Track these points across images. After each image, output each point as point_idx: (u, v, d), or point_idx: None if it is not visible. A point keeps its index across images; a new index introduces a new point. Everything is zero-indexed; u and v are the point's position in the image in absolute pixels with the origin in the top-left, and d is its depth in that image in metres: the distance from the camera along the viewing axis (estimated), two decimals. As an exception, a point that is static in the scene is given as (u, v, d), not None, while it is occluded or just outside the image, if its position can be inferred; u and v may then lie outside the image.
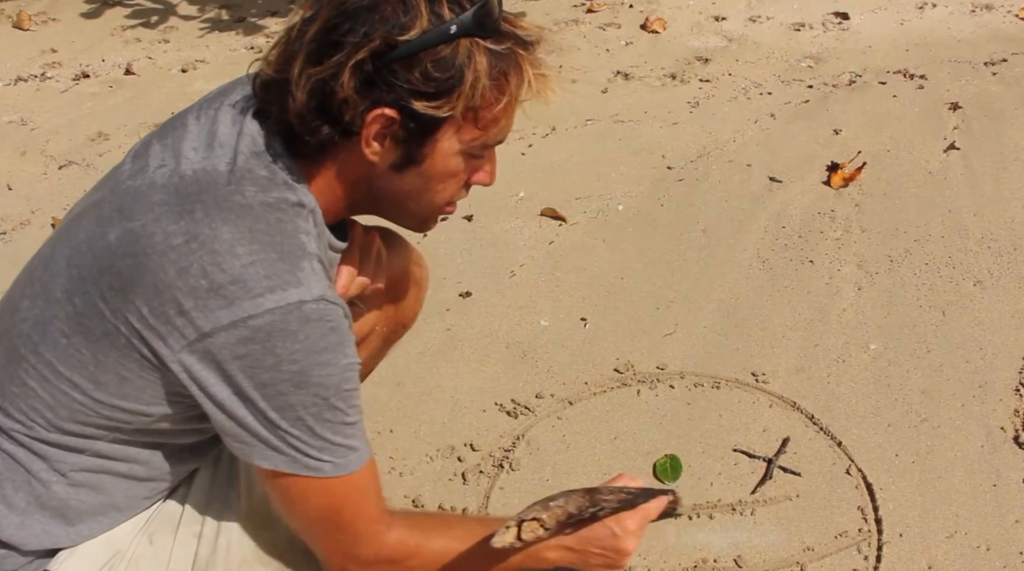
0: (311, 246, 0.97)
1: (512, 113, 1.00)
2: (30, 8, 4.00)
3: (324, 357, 0.94)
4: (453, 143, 0.98)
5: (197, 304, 0.91)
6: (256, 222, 0.94)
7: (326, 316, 0.94)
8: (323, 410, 0.96)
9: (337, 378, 0.96)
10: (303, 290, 0.93)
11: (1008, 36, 3.52)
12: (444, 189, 1.04)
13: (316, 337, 0.93)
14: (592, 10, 3.88)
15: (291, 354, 0.92)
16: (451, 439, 1.76)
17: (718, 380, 1.89)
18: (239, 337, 0.90)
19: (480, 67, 0.93)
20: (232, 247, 0.92)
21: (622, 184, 2.61)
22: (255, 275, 0.91)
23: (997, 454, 1.69)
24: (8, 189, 2.66)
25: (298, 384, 0.93)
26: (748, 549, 1.53)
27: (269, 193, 0.96)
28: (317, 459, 0.98)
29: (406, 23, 0.91)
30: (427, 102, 0.93)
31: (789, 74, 3.29)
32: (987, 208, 2.43)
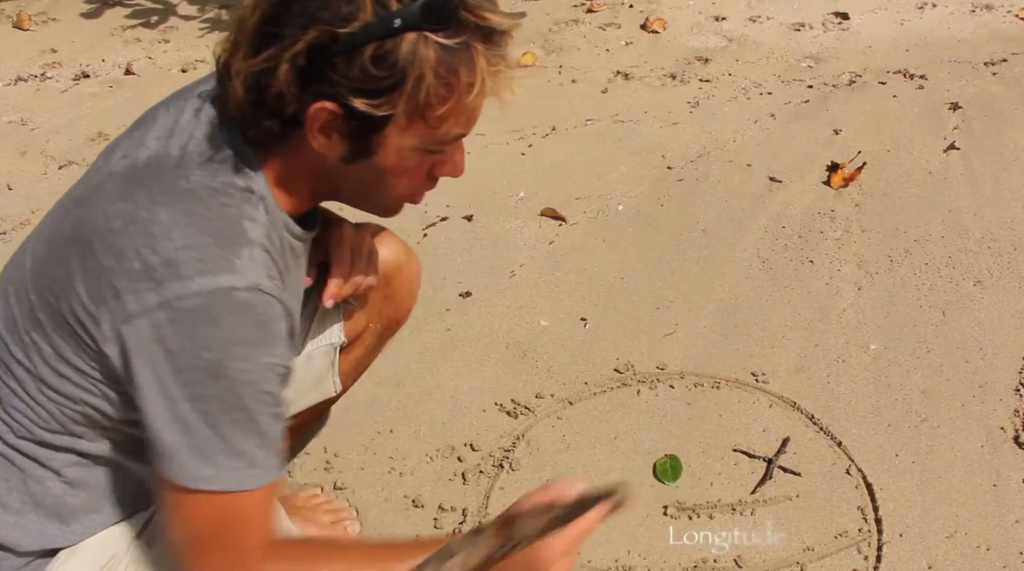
0: (254, 233, 0.93)
1: (466, 109, 0.93)
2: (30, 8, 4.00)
3: (244, 350, 0.89)
4: (404, 139, 0.94)
5: (129, 285, 0.88)
6: (196, 205, 0.91)
7: (256, 307, 0.90)
8: (232, 408, 0.90)
9: (255, 375, 0.90)
10: (236, 277, 0.89)
11: (1008, 36, 3.52)
12: (400, 182, 1.00)
13: (240, 327, 0.89)
14: (592, 10, 3.88)
15: (210, 341, 0.88)
16: (451, 439, 1.76)
17: (718, 380, 1.89)
18: (164, 319, 0.87)
19: (426, 64, 0.87)
20: (169, 230, 0.89)
21: (622, 184, 2.61)
22: (188, 258, 0.88)
23: (997, 454, 1.69)
24: (8, 189, 2.66)
25: (212, 374, 0.88)
26: (748, 549, 1.53)
27: (216, 178, 0.93)
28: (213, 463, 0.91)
29: (348, 14, 0.85)
30: (367, 100, 0.88)
31: (789, 74, 3.29)
32: (987, 208, 2.43)
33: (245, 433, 0.92)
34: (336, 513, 1.58)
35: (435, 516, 1.60)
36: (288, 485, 1.67)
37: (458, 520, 1.59)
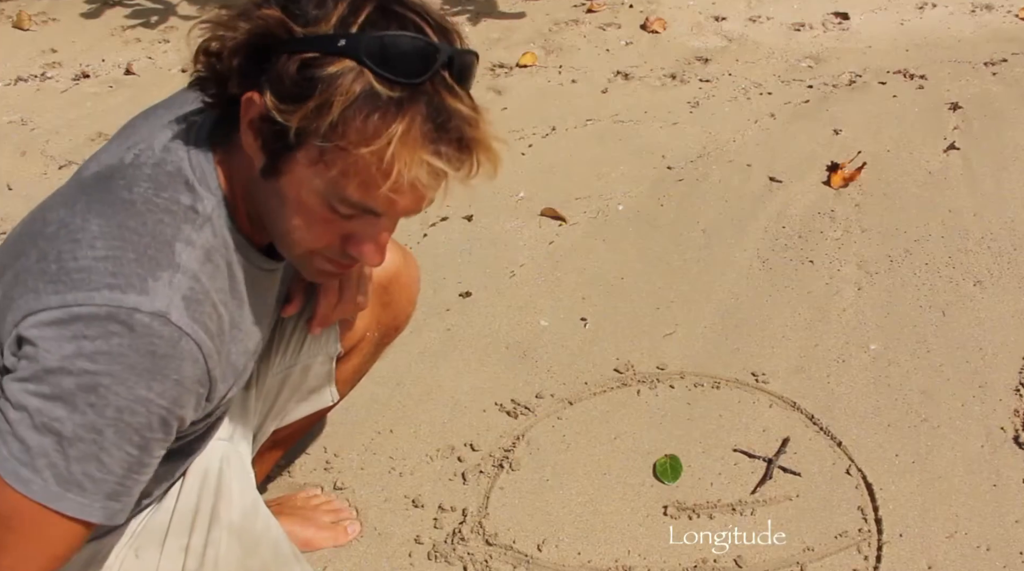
0: (185, 258, 0.89)
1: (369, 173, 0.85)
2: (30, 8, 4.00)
3: (124, 374, 0.84)
4: (309, 173, 0.87)
5: (39, 286, 0.86)
6: (130, 219, 0.88)
7: (155, 336, 0.84)
8: (87, 427, 0.84)
9: (123, 403, 0.84)
10: (143, 300, 0.84)
11: (1008, 36, 3.52)
12: (300, 225, 0.91)
13: (128, 350, 0.84)
14: (592, 10, 3.88)
15: (94, 353, 0.83)
16: (451, 439, 1.76)
17: (718, 380, 1.88)
18: (55, 317, 0.84)
19: (339, 93, 0.82)
20: (94, 240, 0.87)
21: (622, 184, 2.61)
22: (102, 270, 0.85)
23: (997, 454, 1.69)
24: (8, 189, 2.66)
25: (82, 385, 0.83)
26: (748, 549, 1.53)
27: (161, 193, 0.90)
28: (37, 472, 0.84)
29: (313, 18, 0.84)
30: (276, 101, 0.84)
31: (789, 74, 3.29)
32: (987, 208, 2.43)
33: (85, 457, 0.85)
34: (336, 513, 1.58)
35: (435, 516, 1.60)
36: (288, 485, 1.67)
37: (458, 520, 1.59)
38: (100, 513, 0.88)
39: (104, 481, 0.87)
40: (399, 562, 1.52)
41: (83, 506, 0.87)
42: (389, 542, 1.55)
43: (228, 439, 1.20)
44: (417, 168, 0.84)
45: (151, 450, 0.90)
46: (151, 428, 0.88)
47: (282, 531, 1.23)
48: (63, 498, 0.86)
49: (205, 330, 0.90)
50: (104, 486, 0.87)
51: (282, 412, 1.36)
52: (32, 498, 0.85)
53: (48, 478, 0.85)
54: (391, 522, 1.59)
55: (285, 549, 1.23)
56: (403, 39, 0.83)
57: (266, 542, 1.20)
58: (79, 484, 0.86)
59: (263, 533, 1.20)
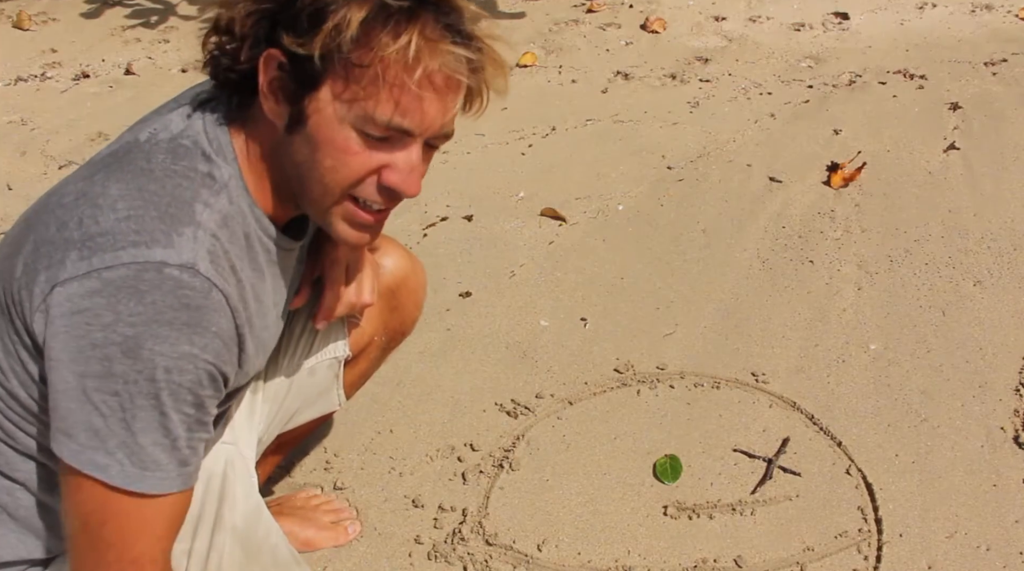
0: (204, 216, 0.89)
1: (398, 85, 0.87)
2: (30, 8, 4.00)
3: (164, 332, 0.83)
4: (337, 107, 0.89)
5: (64, 255, 0.85)
6: (149, 183, 0.89)
7: (186, 287, 0.84)
8: (142, 394, 0.84)
9: (171, 362, 0.84)
10: (170, 252, 0.84)
11: (1008, 36, 3.52)
12: (334, 165, 0.92)
13: (164, 306, 0.83)
14: (592, 10, 3.89)
15: (131, 316, 0.82)
16: (451, 439, 1.76)
17: (718, 380, 1.88)
18: (88, 288, 0.83)
19: (353, 10, 0.85)
20: (114, 202, 0.87)
21: (622, 184, 2.61)
22: (125, 229, 0.85)
23: (997, 454, 1.69)
24: (8, 189, 2.66)
25: (127, 351, 0.83)
26: (748, 549, 1.53)
27: (179, 161, 0.92)
28: (110, 453, 0.85)
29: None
30: (294, 37, 0.86)
31: (789, 74, 3.29)
32: (987, 208, 2.43)
33: (151, 427, 0.86)
34: (336, 513, 1.58)
35: (435, 516, 1.60)
36: (288, 485, 1.67)
37: (458, 520, 1.59)
38: (178, 481, 0.89)
39: (174, 449, 0.88)
40: (399, 562, 1.52)
41: (163, 480, 0.88)
42: (389, 542, 1.55)
43: (233, 443, 1.20)
44: (440, 57, 0.87)
45: (206, 407, 0.90)
46: (201, 384, 0.88)
47: (282, 535, 1.23)
48: (142, 478, 0.87)
49: (229, 285, 0.90)
50: (175, 454, 0.88)
51: (288, 415, 1.36)
52: (112, 483, 0.86)
53: (123, 459, 0.85)
54: (391, 522, 1.59)
55: (284, 553, 1.23)
56: None
57: (267, 547, 1.20)
58: (153, 459, 0.87)
59: (264, 538, 1.20)
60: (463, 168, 2.73)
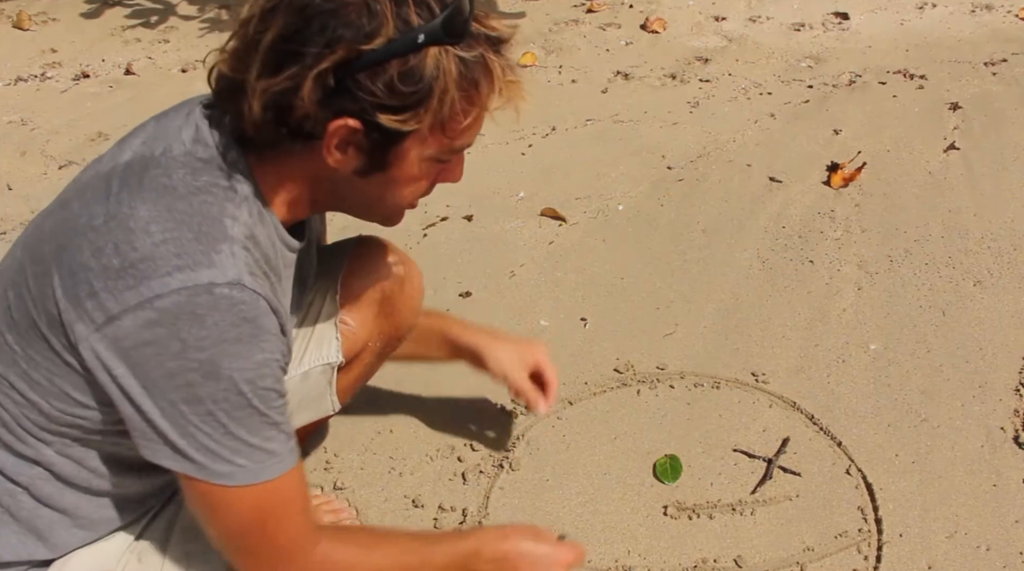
0: (235, 230, 0.91)
1: (482, 119, 0.96)
2: (30, 8, 4.00)
3: (236, 348, 0.87)
4: (420, 151, 0.95)
5: (107, 285, 0.86)
6: (177, 202, 0.90)
7: (238, 303, 0.87)
8: (236, 407, 0.89)
9: (251, 372, 0.89)
10: (215, 272, 0.87)
11: (1008, 36, 3.52)
12: (410, 192, 1.01)
13: (226, 325, 0.87)
14: (592, 10, 3.89)
15: (198, 341, 0.86)
16: (451, 439, 1.76)
17: (718, 380, 1.88)
18: (146, 320, 0.85)
19: (449, 78, 0.88)
20: (147, 225, 0.88)
21: (622, 184, 2.61)
22: (165, 253, 0.86)
23: (997, 454, 1.69)
24: (8, 189, 2.66)
25: (207, 375, 0.87)
26: (748, 549, 1.53)
27: (199, 177, 0.92)
28: (230, 462, 0.91)
29: (371, 31, 0.85)
30: (393, 115, 0.88)
31: (789, 74, 3.29)
32: (987, 208, 2.43)
33: (255, 426, 0.91)
34: (336, 513, 1.58)
35: (435, 516, 1.60)
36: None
37: (458, 520, 1.59)
38: (292, 457, 0.97)
39: (279, 432, 0.94)
40: (399, 562, 1.52)
41: (281, 461, 0.95)
42: (389, 542, 1.55)
43: None
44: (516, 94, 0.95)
45: (284, 390, 0.96)
46: (278, 379, 0.94)
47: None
48: (266, 469, 0.93)
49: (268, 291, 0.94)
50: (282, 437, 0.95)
51: None
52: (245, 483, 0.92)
53: (244, 463, 0.92)
54: (391, 522, 1.59)
55: None
56: (453, 10, 0.87)
57: None
58: (268, 451, 0.93)
59: None
60: (463, 168, 2.73)
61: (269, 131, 0.91)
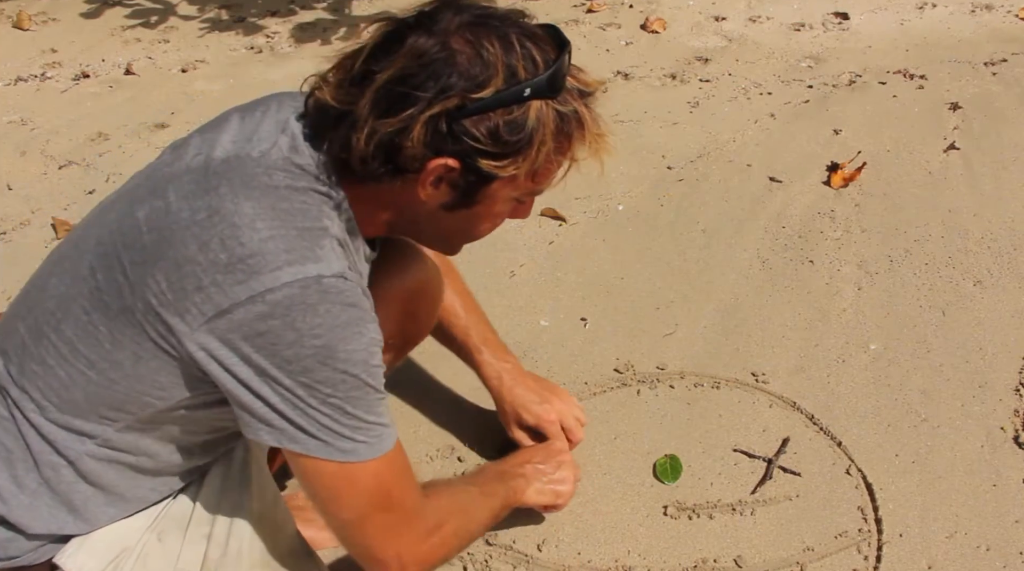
0: (334, 229, 0.97)
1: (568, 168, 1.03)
2: (30, 8, 4.00)
3: (348, 332, 0.93)
4: (508, 193, 1.00)
5: (216, 279, 0.90)
6: (279, 201, 0.94)
7: (345, 291, 0.93)
8: (353, 387, 0.95)
9: (364, 353, 0.95)
10: (322, 265, 0.92)
11: (1008, 36, 3.52)
12: (489, 227, 1.08)
13: (337, 312, 0.92)
14: (592, 10, 3.89)
15: (313, 329, 0.90)
16: (451, 439, 1.76)
17: (718, 380, 1.88)
18: (258, 313, 0.89)
19: (548, 131, 0.95)
20: (253, 221, 0.91)
21: (622, 184, 2.61)
22: (274, 249, 0.90)
23: (997, 454, 1.69)
24: (8, 189, 2.66)
25: (323, 360, 0.92)
26: (748, 549, 1.53)
27: (298, 181, 0.97)
28: (351, 439, 0.96)
29: (482, 80, 0.91)
30: (492, 161, 0.93)
31: (789, 74, 3.29)
32: (987, 208, 2.43)
33: (368, 404, 0.96)
34: None
35: (435, 516, 1.60)
36: (288, 485, 1.67)
37: (458, 520, 1.59)
38: (395, 427, 1.02)
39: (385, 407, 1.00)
40: (399, 562, 1.52)
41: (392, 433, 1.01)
42: (389, 542, 1.55)
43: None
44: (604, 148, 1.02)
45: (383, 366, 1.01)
46: (381, 357, 0.99)
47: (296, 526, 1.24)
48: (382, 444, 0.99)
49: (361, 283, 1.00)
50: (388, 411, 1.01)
51: None
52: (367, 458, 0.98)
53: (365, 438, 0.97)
54: (391, 522, 1.59)
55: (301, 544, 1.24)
56: (556, 66, 0.94)
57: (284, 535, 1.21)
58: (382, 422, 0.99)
59: (283, 526, 1.21)
60: (463, 168, 2.73)
61: (375, 165, 0.95)
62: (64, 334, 0.98)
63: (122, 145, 2.89)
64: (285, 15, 3.93)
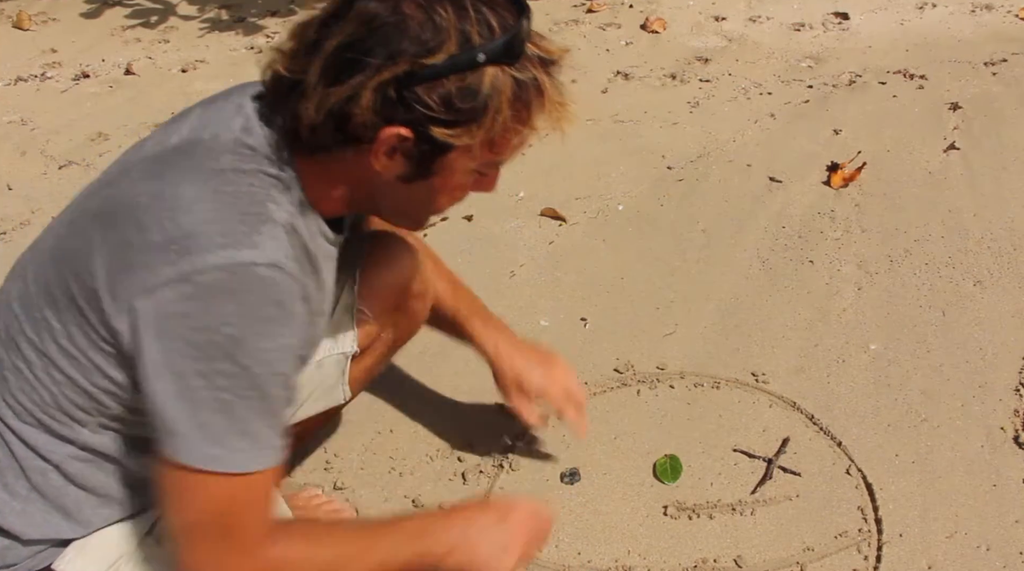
0: (278, 215, 0.93)
1: (529, 138, 0.98)
2: (30, 8, 4.00)
3: (264, 328, 0.88)
4: (466, 163, 0.97)
5: (147, 259, 0.87)
6: (223, 184, 0.91)
7: (275, 284, 0.89)
8: (248, 387, 0.89)
9: (273, 355, 0.90)
10: (256, 253, 0.88)
11: (1008, 36, 3.52)
12: (448, 200, 1.04)
13: (259, 304, 0.88)
14: (592, 10, 3.89)
15: (229, 317, 0.86)
16: (451, 439, 1.76)
17: (718, 380, 1.88)
18: (182, 293, 0.86)
19: (504, 98, 0.91)
20: (191, 204, 0.89)
21: (622, 184, 2.61)
22: (210, 232, 0.87)
23: (997, 454, 1.69)
24: (8, 189, 2.66)
25: (230, 351, 0.87)
26: (748, 549, 1.53)
27: (246, 163, 0.94)
28: (222, 446, 0.89)
29: (433, 46, 0.87)
30: (446, 129, 0.90)
31: (789, 74, 3.29)
32: (987, 208, 2.43)
33: (256, 414, 0.90)
34: (336, 513, 1.58)
35: (435, 516, 1.60)
36: (288, 485, 1.67)
37: (458, 520, 1.59)
38: (277, 455, 0.95)
39: (278, 425, 0.94)
40: (399, 562, 1.52)
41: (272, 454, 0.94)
42: (389, 542, 1.55)
43: None
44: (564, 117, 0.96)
45: (294, 384, 0.96)
46: (295, 368, 0.95)
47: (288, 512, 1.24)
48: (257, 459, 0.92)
49: (304, 277, 0.95)
50: (277, 430, 0.94)
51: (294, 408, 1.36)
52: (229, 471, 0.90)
53: (241, 447, 0.90)
54: (391, 522, 1.59)
55: None
56: (513, 31, 0.90)
57: None
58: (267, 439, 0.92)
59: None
60: (463, 168, 2.73)
61: (325, 135, 0.93)
62: (27, 336, 0.97)
63: (122, 145, 2.89)
64: (285, 15, 3.93)
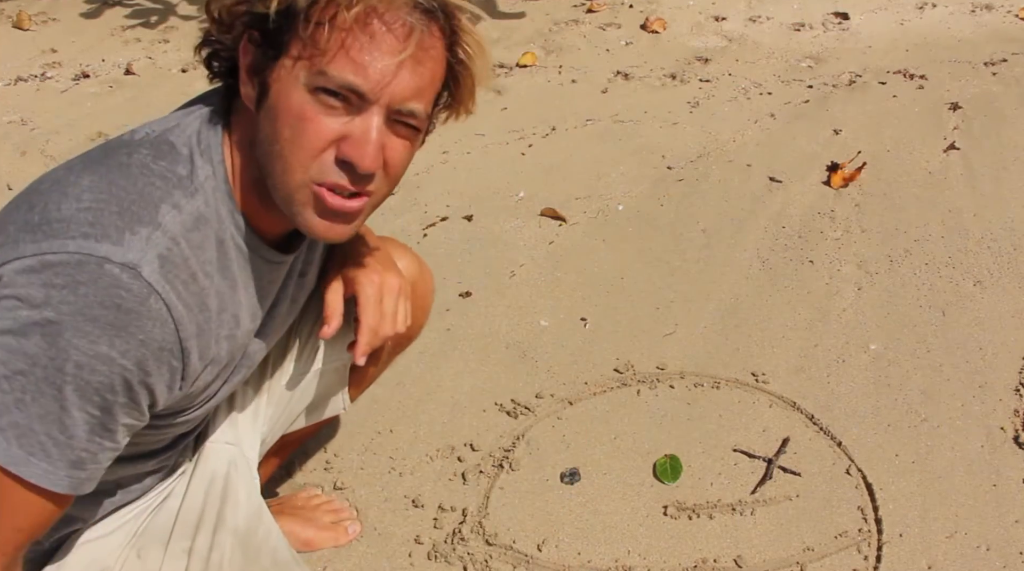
0: (169, 220, 0.87)
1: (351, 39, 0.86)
2: (30, 8, 4.00)
3: (87, 327, 0.81)
4: (294, 70, 0.87)
5: (17, 236, 0.84)
6: (122, 178, 0.88)
7: (122, 288, 0.82)
8: (46, 383, 0.82)
9: (84, 359, 0.82)
10: (115, 250, 0.82)
11: (1008, 36, 3.52)
12: (292, 136, 0.89)
13: (94, 301, 0.81)
14: (592, 10, 3.89)
15: (60, 302, 0.80)
16: (451, 439, 1.76)
17: (718, 380, 1.88)
18: (26, 266, 0.81)
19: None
20: (81, 193, 0.86)
21: (622, 184, 2.61)
22: (82, 220, 0.83)
23: (997, 454, 1.69)
24: (8, 189, 2.66)
25: (45, 335, 0.80)
26: (748, 549, 1.53)
27: (160, 160, 0.91)
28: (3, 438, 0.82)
29: None
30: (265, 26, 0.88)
31: (789, 74, 3.29)
32: (987, 208, 2.43)
33: (47, 417, 0.83)
34: (336, 513, 1.58)
35: (435, 516, 1.60)
36: (288, 485, 1.67)
37: (458, 520, 1.59)
38: (66, 482, 0.86)
39: (68, 446, 0.85)
40: (399, 562, 1.52)
41: (48, 473, 0.84)
42: (389, 542, 1.55)
43: (236, 444, 1.20)
44: (396, 9, 0.86)
45: (115, 415, 0.87)
46: (113, 390, 0.85)
47: (282, 537, 1.23)
48: (27, 463, 0.83)
49: (178, 295, 0.87)
50: (68, 452, 0.85)
51: (292, 417, 1.35)
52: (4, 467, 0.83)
53: (11, 438, 0.82)
54: (391, 522, 1.59)
55: (285, 555, 1.22)
56: None
57: (267, 548, 1.20)
58: (43, 448, 0.83)
59: (264, 540, 1.20)
60: (463, 168, 2.73)
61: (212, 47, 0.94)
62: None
63: (122, 145, 2.89)
64: (285, 15, 3.93)
